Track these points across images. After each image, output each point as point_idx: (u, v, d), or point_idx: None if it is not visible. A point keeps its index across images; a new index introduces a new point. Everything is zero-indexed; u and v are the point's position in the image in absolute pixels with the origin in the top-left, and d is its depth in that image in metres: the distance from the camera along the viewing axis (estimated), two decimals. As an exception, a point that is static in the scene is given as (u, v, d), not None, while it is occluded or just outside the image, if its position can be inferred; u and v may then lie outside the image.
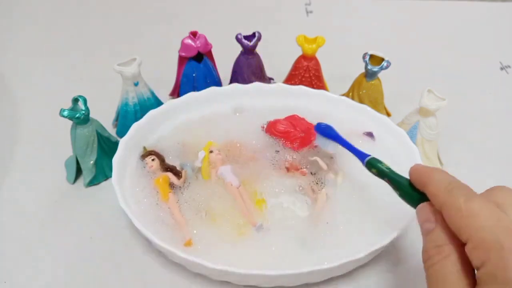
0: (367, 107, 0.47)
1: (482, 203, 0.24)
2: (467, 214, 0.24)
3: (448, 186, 0.26)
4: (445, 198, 0.26)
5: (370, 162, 0.34)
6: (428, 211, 0.27)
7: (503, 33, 0.73)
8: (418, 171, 0.29)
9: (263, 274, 0.33)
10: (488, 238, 0.23)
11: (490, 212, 0.24)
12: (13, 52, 0.66)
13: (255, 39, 0.50)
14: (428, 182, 0.28)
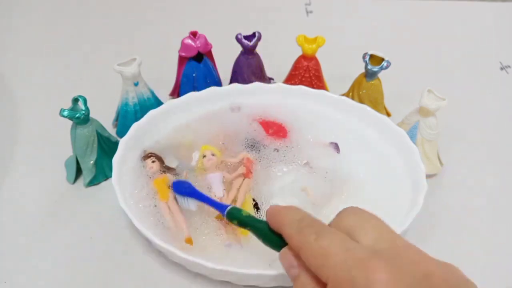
0: (367, 107, 0.47)
1: (331, 237, 0.24)
2: (320, 253, 0.24)
3: (299, 225, 0.26)
4: (298, 239, 0.25)
5: (231, 213, 0.33)
6: (290, 256, 0.26)
7: (503, 33, 0.73)
8: (273, 211, 0.28)
9: (263, 274, 0.33)
10: (342, 276, 0.22)
11: (339, 246, 0.23)
12: (13, 52, 0.66)
13: (255, 39, 0.50)
14: (282, 223, 0.27)
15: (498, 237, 0.42)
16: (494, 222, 0.43)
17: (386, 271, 0.21)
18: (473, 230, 0.42)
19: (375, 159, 0.44)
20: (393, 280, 0.21)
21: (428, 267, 0.23)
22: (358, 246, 0.24)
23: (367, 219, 0.26)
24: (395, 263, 0.22)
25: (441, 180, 0.47)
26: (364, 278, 0.21)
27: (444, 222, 0.43)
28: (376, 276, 0.21)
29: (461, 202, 0.45)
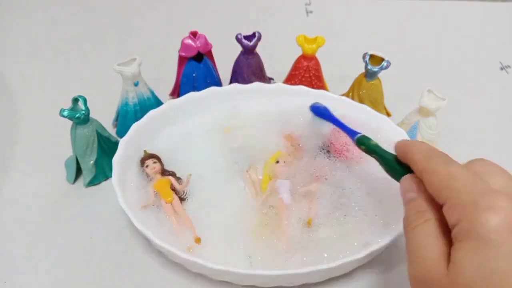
0: (367, 107, 0.47)
1: (460, 168, 0.26)
2: (445, 177, 0.25)
3: (427, 153, 0.28)
4: (425, 164, 0.27)
5: (360, 139, 0.36)
6: (411, 182, 0.28)
7: (503, 33, 0.73)
8: (402, 143, 0.30)
9: (263, 274, 0.33)
10: (463, 198, 0.24)
11: (466, 176, 0.25)
12: (13, 52, 0.66)
13: (255, 39, 0.50)
14: (409, 152, 0.29)
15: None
16: (494, 222, 0.43)
17: (508, 203, 0.22)
18: (473, 230, 0.42)
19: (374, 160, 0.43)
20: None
21: None
22: (485, 181, 0.25)
23: (497, 169, 0.27)
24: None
25: (441, 180, 0.47)
26: (487, 202, 0.23)
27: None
28: (499, 203, 0.22)
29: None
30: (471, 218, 0.23)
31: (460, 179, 0.25)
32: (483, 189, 0.24)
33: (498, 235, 0.22)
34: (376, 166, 0.34)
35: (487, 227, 0.22)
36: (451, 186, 0.25)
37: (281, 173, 0.41)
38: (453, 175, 0.25)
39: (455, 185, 0.25)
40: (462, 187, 0.24)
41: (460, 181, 0.25)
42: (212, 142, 0.45)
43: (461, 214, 0.23)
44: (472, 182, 0.24)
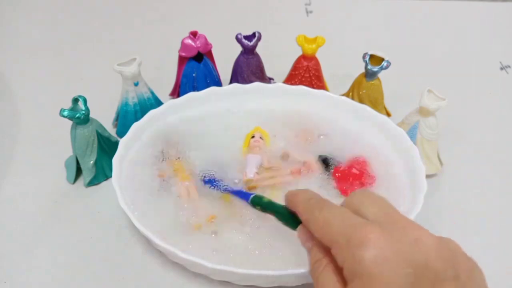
0: (367, 107, 0.47)
1: (333, 210, 0.27)
2: (322, 224, 0.26)
3: (308, 202, 0.29)
4: (306, 215, 0.28)
5: (253, 200, 0.35)
6: (304, 232, 0.29)
7: (503, 33, 0.73)
8: (289, 193, 0.31)
9: (263, 274, 0.33)
10: (339, 239, 0.25)
11: (339, 216, 0.26)
12: (13, 52, 0.66)
13: (255, 39, 0.50)
14: (294, 203, 0.30)
15: (498, 237, 0.42)
16: (494, 222, 0.43)
17: (378, 232, 0.23)
18: (473, 230, 0.42)
19: (375, 159, 0.44)
20: (384, 239, 0.23)
21: (420, 234, 0.24)
22: (356, 216, 0.26)
23: (370, 197, 0.27)
24: (388, 228, 0.24)
25: (441, 180, 0.47)
26: (358, 238, 0.23)
27: (444, 222, 0.43)
28: (369, 235, 0.23)
29: (461, 202, 0.45)
30: (350, 257, 0.24)
31: (334, 222, 0.26)
32: (354, 225, 0.25)
33: (375, 268, 0.22)
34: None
35: (364, 263, 0.23)
36: (329, 231, 0.26)
37: (254, 147, 0.43)
38: (328, 220, 0.26)
39: (331, 230, 0.26)
40: (336, 229, 0.25)
41: (334, 224, 0.26)
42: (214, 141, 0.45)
43: (342, 255, 0.24)
44: (343, 221, 0.25)
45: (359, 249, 0.23)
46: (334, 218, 0.26)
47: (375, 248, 0.23)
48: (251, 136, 0.45)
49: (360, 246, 0.23)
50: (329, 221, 0.26)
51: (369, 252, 0.23)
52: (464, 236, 0.41)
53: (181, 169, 0.42)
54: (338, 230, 0.25)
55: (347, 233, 0.24)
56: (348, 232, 0.24)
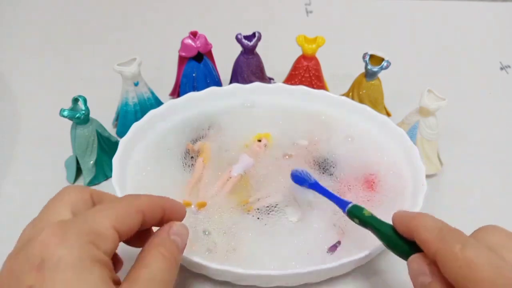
0: (367, 107, 0.47)
1: (479, 251, 0.23)
2: (465, 263, 0.23)
3: (440, 232, 0.25)
4: (439, 246, 0.25)
5: (352, 211, 0.32)
6: (422, 263, 0.26)
7: (503, 33, 0.73)
8: (403, 217, 0.28)
9: (263, 274, 0.33)
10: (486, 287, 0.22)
11: (488, 261, 0.23)
12: (13, 52, 0.66)
13: (255, 39, 0.50)
14: (416, 229, 0.26)
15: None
16: (494, 222, 0.43)
17: None
18: (473, 230, 0.42)
19: (375, 159, 0.44)
20: None
21: None
22: (509, 265, 0.23)
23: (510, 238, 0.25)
24: None
25: (441, 180, 0.47)
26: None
27: (444, 222, 0.43)
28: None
29: (461, 202, 0.45)
30: None
31: (482, 268, 0.22)
32: (507, 277, 0.22)
33: None
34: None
35: None
36: (474, 277, 0.22)
37: (254, 151, 0.43)
38: (474, 261, 0.23)
39: (477, 276, 0.22)
40: (485, 280, 0.22)
41: (483, 271, 0.22)
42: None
43: None
44: (496, 270, 0.22)
45: None
46: (481, 260, 0.23)
47: None
48: (258, 139, 0.45)
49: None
50: (475, 263, 0.22)
51: None
52: (464, 236, 0.41)
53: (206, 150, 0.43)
54: (487, 280, 0.22)
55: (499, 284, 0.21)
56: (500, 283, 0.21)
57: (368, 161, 0.43)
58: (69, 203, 0.26)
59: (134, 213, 0.26)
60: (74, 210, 0.26)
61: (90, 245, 0.23)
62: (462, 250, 0.23)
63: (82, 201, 0.27)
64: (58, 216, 0.25)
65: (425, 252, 0.26)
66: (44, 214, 0.27)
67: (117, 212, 0.25)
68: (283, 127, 0.47)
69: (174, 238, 0.28)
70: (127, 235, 0.26)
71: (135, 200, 0.27)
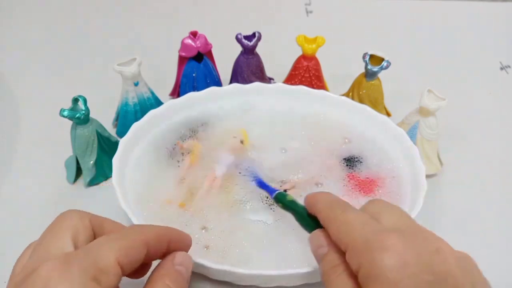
0: (367, 107, 0.47)
1: (355, 213, 0.27)
2: (343, 224, 0.26)
3: (330, 203, 0.29)
4: (327, 214, 0.28)
5: (277, 196, 0.36)
6: (320, 237, 0.28)
7: (503, 33, 0.73)
8: (310, 195, 0.31)
9: (263, 274, 0.33)
10: (357, 242, 0.24)
11: (359, 219, 0.26)
12: (13, 52, 0.66)
13: (255, 39, 0.50)
14: (315, 203, 0.30)
15: (499, 237, 0.42)
16: (494, 222, 0.43)
17: (399, 240, 0.23)
18: (473, 230, 0.42)
19: (375, 159, 0.44)
20: (405, 247, 0.23)
21: (441, 245, 0.24)
22: (377, 223, 0.26)
23: (389, 207, 0.27)
24: (409, 237, 0.24)
25: (441, 180, 0.47)
26: (379, 243, 0.23)
27: (444, 222, 0.43)
28: (390, 242, 0.23)
29: (461, 202, 0.45)
30: (367, 262, 0.23)
31: (354, 224, 0.25)
32: (374, 230, 0.24)
33: (395, 273, 0.22)
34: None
35: (383, 268, 0.22)
36: (347, 231, 0.25)
37: (232, 148, 0.44)
38: (348, 221, 0.26)
39: (349, 230, 0.25)
40: (355, 231, 0.25)
41: (355, 226, 0.25)
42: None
43: (359, 258, 0.24)
44: (364, 224, 0.25)
45: (379, 254, 0.23)
46: (355, 220, 0.26)
47: (396, 254, 0.22)
48: (233, 135, 0.45)
49: (380, 251, 0.23)
50: (350, 222, 0.26)
51: (390, 256, 0.22)
52: (464, 236, 0.41)
53: (195, 150, 0.44)
54: (358, 233, 0.25)
55: (367, 237, 0.24)
56: (368, 236, 0.24)
57: (368, 161, 0.43)
58: (69, 230, 0.26)
59: (140, 246, 0.26)
60: (74, 238, 0.26)
61: (93, 283, 0.23)
62: (342, 213, 0.27)
63: (83, 228, 0.27)
64: (60, 247, 0.25)
65: (320, 222, 0.29)
66: (45, 242, 0.26)
67: (121, 245, 0.25)
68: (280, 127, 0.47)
69: (179, 268, 0.28)
70: (130, 269, 0.26)
71: (140, 231, 0.27)
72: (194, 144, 0.44)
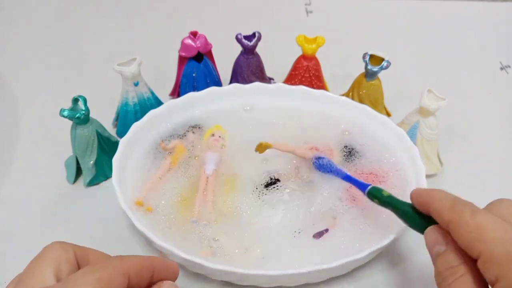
0: (367, 107, 0.47)
1: (488, 216, 0.24)
2: (475, 228, 0.24)
3: (452, 203, 0.27)
4: (451, 215, 0.26)
5: (371, 192, 0.34)
6: (437, 234, 0.27)
7: (503, 33, 0.73)
8: (419, 193, 0.29)
9: (263, 274, 0.33)
10: (498, 251, 0.23)
11: (497, 225, 0.24)
12: (13, 52, 0.66)
13: (255, 39, 0.50)
14: (430, 202, 0.28)
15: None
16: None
17: None
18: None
19: (375, 159, 0.44)
20: None
21: None
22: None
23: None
24: None
25: (441, 180, 0.47)
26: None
27: (444, 222, 0.43)
28: None
29: (461, 202, 0.45)
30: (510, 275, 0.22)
31: (491, 230, 0.24)
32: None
33: None
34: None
35: None
36: (483, 238, 0.24)
37: (214, 146, 0.44)
38: (483, 226, 0.24)
39: (486, 237, 0.23)
40: (495, 239, 0.23)
41: (492, 232, 0.23)
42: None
43: (499, 270, 0.22)
44: (505, 232, 0.23)
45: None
46: (489, 225, 0.24)
47: None
48: (211, 134, 0.45)
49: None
50: (483, 228, 0.24)
51: None
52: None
53: (179, 152, 0.43)
54: (497, 241, 0.23)
55: (509, 246, 0.22)
56: (510, 246, 0.22)
57: (368, 161, 0.43)
58: (52, 263, 0.26)
59: (119, 278, 0.25)
60: (57, 271, 0.26)
61: None
62: (472, 216, 0.25)
63: (66, 261, 0.26)
64: (41, 281, 0.25)
65: (439, 223, 0.27)
66: (26, 278, 0.26)
67: (100, 276, 0.24)
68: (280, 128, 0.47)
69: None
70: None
71: (120, 262, 0.26)
72: (177, 145, 0.44)
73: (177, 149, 0.44)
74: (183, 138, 0.45)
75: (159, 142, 0.44)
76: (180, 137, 0.45)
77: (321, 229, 0.37)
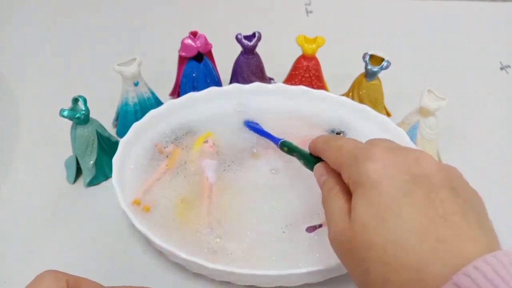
0: (367, 107, 0.47)
1: (347, 139, 0.31)
2: (337, 149, 0.30)
3: (326, 138, 0.33)
4: (324, 146, 0.32)
5: (283, 143, 0.40)
6: (322, 167, 0.32)
7: (503, 33, 0.73)
8: (312, 141, 0.35)
9: (263, 274, 0.33)
10: (348, 158, 0.28)
11: (351, 142, 0.30)
12: (13, 52, 0.66)
13: (255, 39, 0.50)
14: (316, 144, 0.34)
15: (498, 237, 0.42)
16: (494, 222, 0.43)
17: (383, 151, 0.26)
18: (473, 230, 0.42)
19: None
20: (387, 155, 0.26)
21: (422, 155, 0.26)
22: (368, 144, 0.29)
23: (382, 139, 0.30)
24: (392, 150, 0.27)
25: (441, 180, 0.47)
26: (364, 154, 0.27)
27: (444, 222, 0.43)
28: (374, 152, 0.26)
29: (461, 202, 0.45)
30: (355, 171, 0.26)
31: (345, 146, 0.29)
32: (362, 147, 0.28)
33: (376, 175, 0.25)
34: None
35: (367, 172, 0.25)
36: (340, 154, 0.29)
37: (208, 153, 0.43)
38: (341, 145, 0.30)
39: (342, 152, 0.29)
40: (347, 151, 0.28)
41: (346, 147, 0.29)
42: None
43: (349, 171, 0.27)
44: (354, 145, 0.29)
45: (364, 163, 0.26)
46: (346, 143, 0.30)
47: (378, 160, 0.26)
48: (204, 140, 0.45)
49: (365, 160, 0.26)
50: (342, 146, 0.29)
51: (372, 163, 0.26)
52: (464, 236, 0.41)
53: (175, 156, 0.43)
54: (348, 152, 0.28)
55: (355, 153, 0.27)
56: (356, 152, 0.27)
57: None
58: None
59: None
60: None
61: None
62: (335, 141, 0.31)
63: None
64: None
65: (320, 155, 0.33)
66: None
67: None
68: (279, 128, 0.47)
69: None
70: None
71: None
72: (173, 149, 0.44)
73: (174, 152, 0.44)
74: (179, 141, 0.45)
75: (155, 146, 0.44)
76: (177, 140, 0.45)
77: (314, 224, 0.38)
